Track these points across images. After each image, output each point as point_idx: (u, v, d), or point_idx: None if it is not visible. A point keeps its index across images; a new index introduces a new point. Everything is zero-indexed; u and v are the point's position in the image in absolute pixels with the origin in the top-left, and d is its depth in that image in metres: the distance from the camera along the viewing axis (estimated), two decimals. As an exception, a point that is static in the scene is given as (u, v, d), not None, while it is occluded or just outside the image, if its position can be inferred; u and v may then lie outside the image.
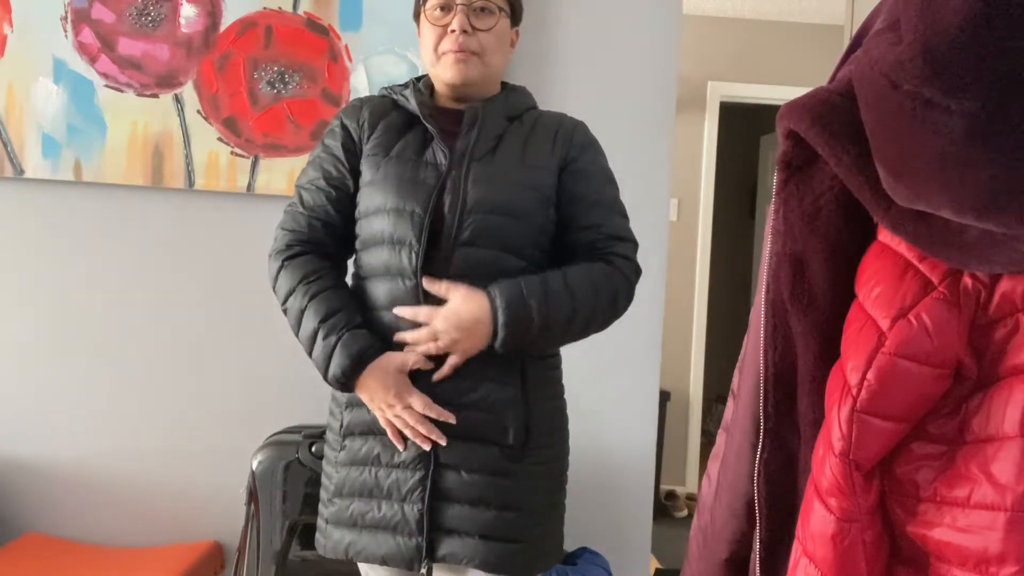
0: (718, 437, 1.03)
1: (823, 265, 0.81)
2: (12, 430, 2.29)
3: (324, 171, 1.46)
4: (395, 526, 1.39)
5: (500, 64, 1.49)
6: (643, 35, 2.37)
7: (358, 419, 1.43)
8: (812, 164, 0.80)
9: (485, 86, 1.48)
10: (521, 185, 1.42)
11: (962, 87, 0.62)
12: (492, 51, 1.45)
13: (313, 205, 1.45)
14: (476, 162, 1.40)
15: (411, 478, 1.38)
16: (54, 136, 2.25)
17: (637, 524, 2.42)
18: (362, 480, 1.42)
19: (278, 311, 1.40)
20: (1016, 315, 0.70)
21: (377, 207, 1.41)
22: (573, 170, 1.46)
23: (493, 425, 1.39)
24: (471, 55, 1.42)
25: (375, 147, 1.45)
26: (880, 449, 0.75)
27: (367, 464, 1.42)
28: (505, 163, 1.42)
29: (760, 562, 0.89)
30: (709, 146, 4.31)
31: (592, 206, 1.45)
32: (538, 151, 1.45)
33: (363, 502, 1.41)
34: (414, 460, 1.38)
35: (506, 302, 1.33)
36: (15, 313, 2.30)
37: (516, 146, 1.45)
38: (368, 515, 1.41)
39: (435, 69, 1.46)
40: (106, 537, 2.30)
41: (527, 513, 1.41)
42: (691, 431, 4.40)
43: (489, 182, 1.39)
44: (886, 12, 0.75)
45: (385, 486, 1.40)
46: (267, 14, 2.27)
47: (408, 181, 1.39)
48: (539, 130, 1.48)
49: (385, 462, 1.40)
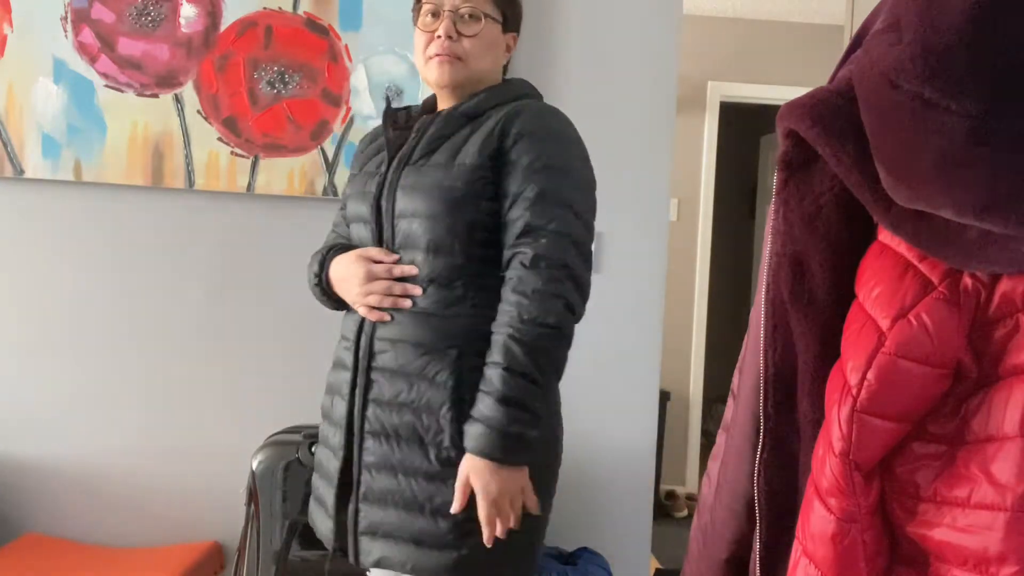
0: (718, 437, 1.03)
1: (823, 265, 0.81)
2: (12, 430, 2.29)
3: (346, 195, 1.63)
4: (324, 503, 1.51)
5: (487, 68, 1.52)
6: (643, 35, 2.37)
7: (323, 404, 1.56)
8: (812, 164, 0.80)
9: (471, 88, 1.50)
10: (442, 186, 1.41)
11: (962, 87, 0.62)
12: (477, 56, 1.49)
13: (336, 223, 1.66)
14: (410, 166, 1.46)
15: (333, 462, 1.48)
16: (54, 136, 2.25)
17: (637, 524, 2.42)
18: (318, 458, 1.56)
19: (278, 311, 1.42)
20: (1016, 315, 0.70)
21: (351, 218, 1.56)
22: (505, 162, 1.41)
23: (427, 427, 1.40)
24: (455, 59, 1.47)
25: (354, 166, 1.62)
26: (880, 449, 0.75)
27: (323, 444, 1.55)
28: (435, 165, 1.44)
29: (760, 562, 0.89)
30: (709, 146, 4.31)
31: (517, 198, 1.39)
32: (471, 147, 1.43)
33: (317, 477, 1.56)
34: (337, 446, 1.48)
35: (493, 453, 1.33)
36: (15, 313, 2.30)
37: (455, 146, 1.44)
38: (318, 490, 1.54)
39: (424, 72, 1.53)
40: (106, 537, 2.30)
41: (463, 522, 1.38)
42: (691, 431, 4.41)
43: (413, 187, 1.44)
44: (886, 12, 0.75)
45: (324, 466, 1.52)
46: (267, 14, 2.27)
47: (359, 193, 1.52)
48: (486, 124, 1.44)
49: (326, 444, 1.52)
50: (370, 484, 1.43)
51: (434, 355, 1.40)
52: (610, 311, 2.32)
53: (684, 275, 4.28)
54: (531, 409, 1.34)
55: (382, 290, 1.44)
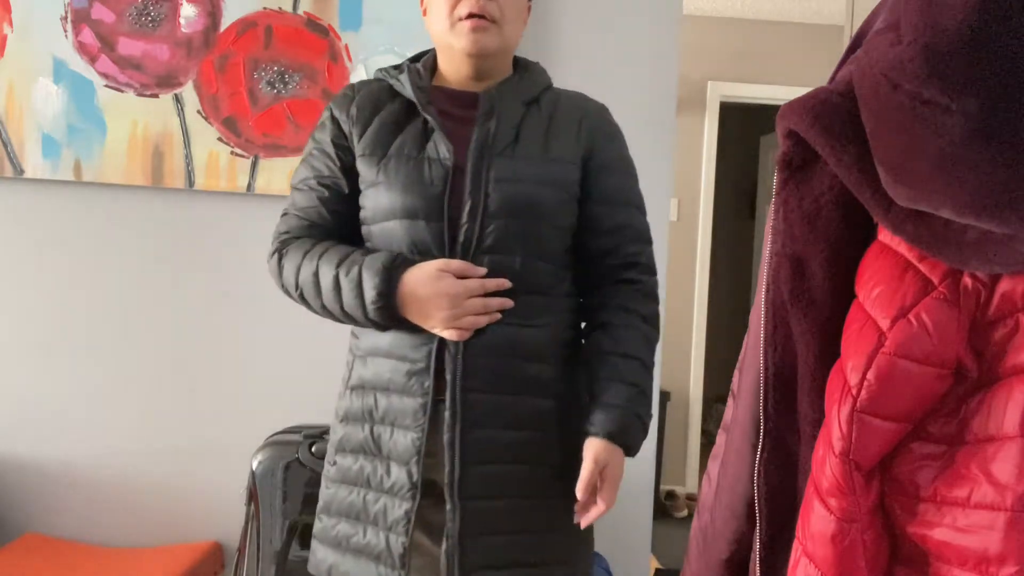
0: (718, 437, 1.03)
1: (823, 265, 0.81)
2: (12, 430, 2.29)
3: (315, 170, 1.36)
4: (378, 555, 1.29)
5: (516, 36, 1.36)
6: (643, 35, 2.37)
7: (351, 436, 1.34)
8: (812, 164, 0.80)
9: (501, 59, 1.35)
10: (546, 182, 1.30)
11: (962, 87, 0.62)
12: (510, 19, 1.32)
13: (305, 206, 1.35)
14: (498, 157, 1.28)
15: (398, 507, 1.27)
16: (54, 136, 2.25)
17: (637, 524, 2.42)
18: (350, 501, 1.33)
19: (278, 311, 1.37)
20: (1016, 315, 0.70)
21: (386, 212, 1.29)
22: (599, 165, 1.35)
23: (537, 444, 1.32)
24: (489, 22, 1.28)
25: (371, 145, 1.32)
26: (880, 449, 0.75)
27: (356, 484, 1.33)
28: (527, 157, 1.30)
29: (760, 562, 0.89)
30: (709, 146, 4.31)
31: (619, 206, 1.36)
32: (562, 142, 1.33)
33: (349, 524, 1.33)
34: (403, 487, 1.27)
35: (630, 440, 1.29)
36: (15, 313, 2.30)
37: (537, 136, 1.32)
38: (353, 539, 1.32)
39: (448, 38, 1.31)
40: (106, 537, 2.30)
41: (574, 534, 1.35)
42: (691, 431, 4.40)
43: (513, 181, 1.27)
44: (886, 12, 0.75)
45: (372, 511, 1.30)
46: (267, 14, 2.27)
47: (415, 183, 1.27)
48: (560, 116, 1.36)
49: (374, 485, 1.30)
50: (475, 514, 1.27)
51: (534, 368, 1.30)
52: (610, 311, 2.32)
53: (684, 275, 4.27)
54: (650, 401, 1.34)
55: (478, 309, 1.24)
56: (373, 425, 1.31)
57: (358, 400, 1.33)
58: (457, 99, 1.34)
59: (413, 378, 1.27)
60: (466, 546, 1.27)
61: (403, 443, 1.28)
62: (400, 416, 1.28)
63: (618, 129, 1.42)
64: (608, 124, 1.40)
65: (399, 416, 1.28)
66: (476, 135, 1.29)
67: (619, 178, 1.38)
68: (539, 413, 1.31)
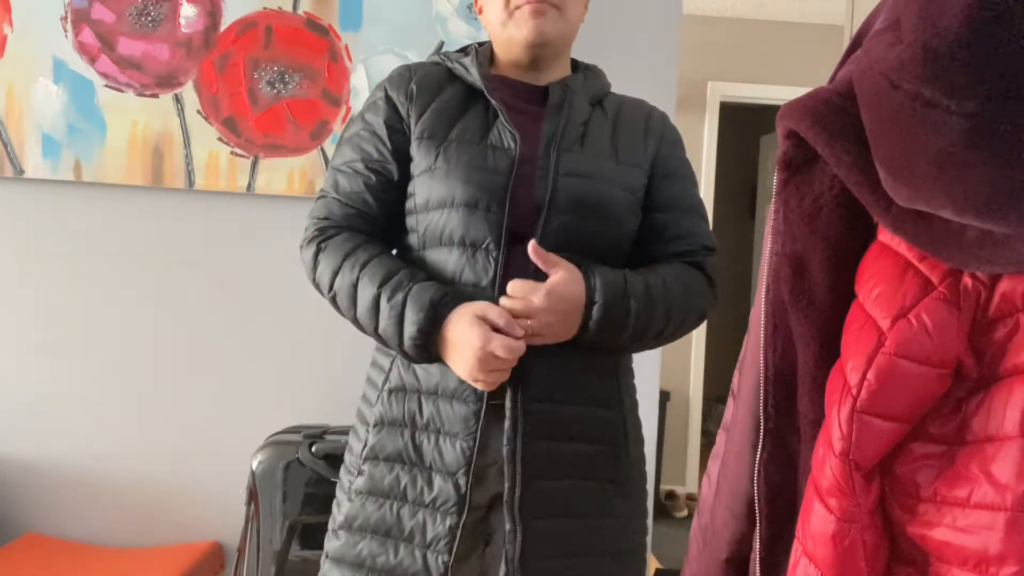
0: (718, 437, 1.03)
1: (823, 265, 0.81)
2: (12, 430, 2.29)
3: (363, 152, 1.25)
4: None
5: (577, 22, 1.31)
6: (643, 35, 2.37)
7: (386, 443, 1.22)
8: (812, 164, 0.80)
9: (562, 48, 1.30)
10: (615, 184, 1.24)
11: (962, 87, 0.62)
12: (572, 4, 1.26)
13: (349, 191, 1.25)
14: (565, 152, 1.22)
15: (440, 523, 1.16)
16: (54, 136, 2.25)
17: (637, 524, 2.42)
18: (380, 515, 1.20)
19: (278, 311, 1.36)
20: (1016, 315, 0.70)
21: (440, 200, 1.19)
22: (665, 171, 1.31)
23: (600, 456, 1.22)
24: (550, 7, 1.22)
25: (430, 127, 1.23)
26: (880, 449, 0.75)
27: (389, 497, 1.20)
28: (596, 156, 1.24)
29: (760, 562, 0.89)
30: (709, 146, 4.31)
31: (684, 213, 1.31)
32: (630, 146, 1.28)
33: (376, 542, 1.20)
34: (447, 501, 1.16)
35: (605, 299, 1.16)
36: (14, 313, 2.30)
37: (604, 137, 1.27)
38: (380, 559, 1.19)
39: (506, 29, 1.25)
40: (106, 537, 2.30)
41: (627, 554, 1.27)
42: (691, 431, 4.41)
43: (583, 176, 1.21)
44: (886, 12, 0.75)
45: (407, 527, 1.18)
46: (267, 14, 2.27)
47: (477, 169, 1.18)
48: (624, 120, 1.31)
49: (412, 498, 1.18)
50: (539, 535, 1.17)
51: (596, 378, 1.23)
52: (610, 311, 2.32)
53: (684, 275, 4.27)
54: (646, 325, 1.19)
55: (498, 367, 1.12)
56: (415, 432, 1.20)
57: (398, 404, 1.22)
58: (517, 90, 1.29)
59: (452, 381, 1.18)
60: (528, 570, 1.16)
61: (450, 453, 1.17)
62: (448, 423, 1.18)
63: (680, 136, 1.39)
64: (672, 131, 1.37)
65: (447, 423, 1.18)
66: (546, 126, 1.23)
67: (684, 185, 1.34)
68: (604, 425, 1.23)
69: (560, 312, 1.14)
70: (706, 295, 1.28)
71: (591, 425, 1.21)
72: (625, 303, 1.16)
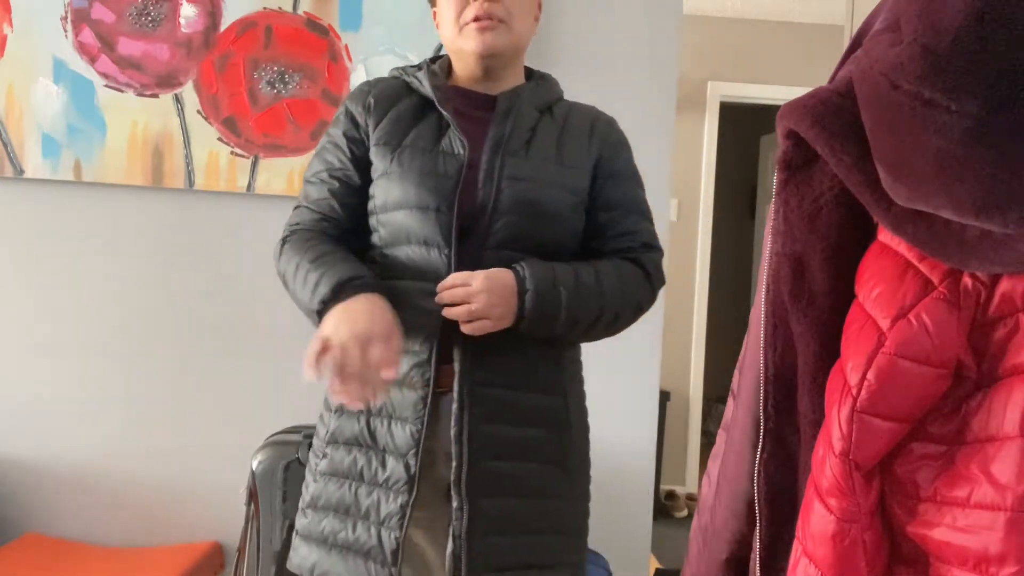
0: (718, 437, 1.03)
1: (823, 265, 0.81)
2: (12, 430, 2.29)
3: (327, 163, 1.36)
4: (368, 551, 1.26)
5: (526, 34, 1.38)
6: (643, 35, 2.37)
7: (344, 428, 1.32)
8: (812, 164, 0.80)
9: (511, 58, 1.38)
10: (557, 185, 1.32)
11: (962, 87, 0.62)
12: (519, 17, 1.34)
13: (317, 199, 1.35)
14: (511, 156, 1.30)
15: (392, 501, 1.25)
16: (54, 136, 2.25)
17: (637, 524, 2.42)
18: (340, 495, 1.30)
19: (278, 311, 1.37)
20: (1016, 315, 0.70)
21: (397, 202, 1.29)
22: (609, 173, 1.39)
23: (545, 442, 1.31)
24: (497, 23, 1.31)
25: (386, 135, 1.33)
26: (880, 449, 0.75)
27: (348, 478, 1.30)
28: (540, 160, 1.32)
29: (760, 562, 0.89)
30: (709, 146, 4.31)
31: (627, 213, 1.39)
32: (574, 150, 1.36)
33: (337, 520, 1.30)
34: (398, 481, 1.25)
35: (535, 287, 1.24)
36: (15, 313, 2.30)
37: (550, 142, 1.35)
38: (340, 535, 1.29)
39: (457, 42, 1.34)
40: (106, 537, 2.30)
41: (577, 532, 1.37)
42: (691, 431, 4.41)
43: (524, 179, 1.30)
44: (886, 12, 0.75)
45: (363, 506, 1.28)
46: (267, 14, 2.27)
47: (428, 174, 1.28)
48: (572, 125, 1.39)
49: (368, 479, 1.28)
50: (484, 513, 1.26)
51: (543, 365, 1.32)
52: (610, 311, 2.32)
53: (684, 275, 4.27)
54: (578, 310, 1.27)
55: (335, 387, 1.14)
56: (369, 417, 1.30)
57: None
58: (471, 99, 1.37)
59: (415, 369, 1.27)
60: (473, 546, 1.25)
61: (401, 436, 1.26)
62: (399, 408, 1.27)
63: (626, 140, 1.46)
64: (618, 134, 1.44)
65: (398, 408, 1.27)
66: (492, 133, 1.32)
67: (628, 186, 1.41)
68: (548, 411, 1.32)
69: (498, 294, 1.22)
70: (643, 288, 1.36)
71: (535, 411, 1.30)
72: (556, 291, 1.25)
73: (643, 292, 1.37)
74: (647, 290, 1.37)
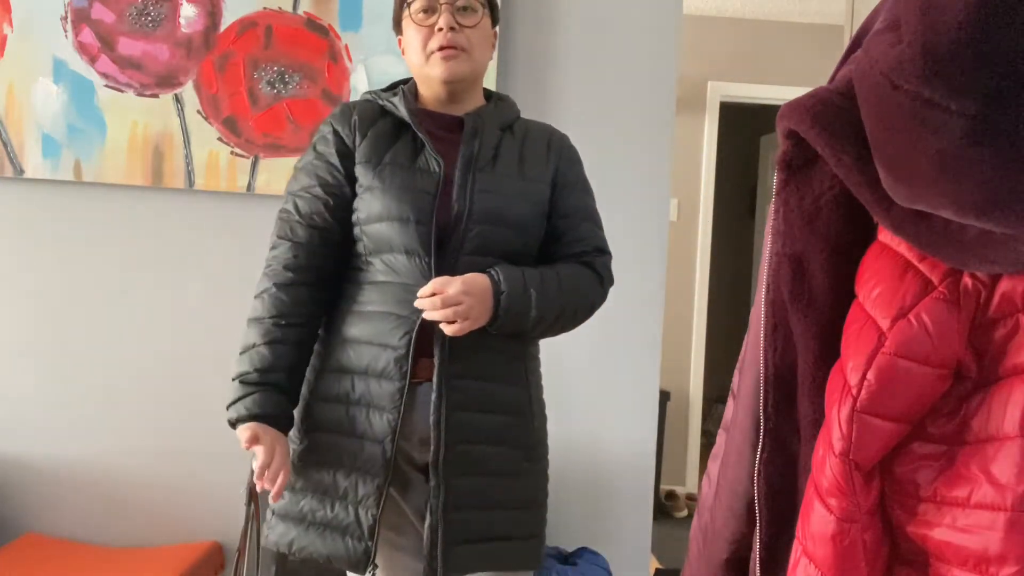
0: (718, 437, 1.03)
1: (823, 265, 0.81)
2: (12, 430, 2.29)
3: (320, 179, 1.46)
4: (346, 528, 1.38)
5: (485, 62, 1.52)
6: (643, 35, 2.37)
7: (326, 414, 1.43)
8: (812, 164, 0.80)
9: (472, 84, 1.51)
10: (521, 197, 1.47)
11: (962, 87, 0.62)
12: (478, 47, 1.47)
13: (310, 212, 1.44)
14: (480, 172, 1.44)
15: (370, 483, 1.38)
16: (54, 136, 2.25)
17: (637, 524, 2.42)
18: (319, 477, 1.42)
19: None
20: (1016, 315, 0.70)
21: (379, 215, 1.41)
22: (564, 184, 1.53)
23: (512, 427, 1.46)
24: (460, 51, 1.44)
25: (368, 153, 1.45)
26: (880, 449, 0.75)
27: (327, 462, 1.42)
28: (505, 174, 1.47)
29: (760, 562, 0.89)
30: (709, 146, 4.31)
31: (581, 220, 1.53)
32: (534, 164, 1.51)
33: (316, 500, 1.42)
34: (375, 464, 1.38)
35: (509, 289, 1.38)
36: (15, 312, 2.30)
37: (513, 158, 1.50)
38: (319, 513, 1.41)
39: (424, 70, 1.47)
40: (106, 537, 2.30)
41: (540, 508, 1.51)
42: (691, 431, 4.40)
43: (493, 192, 1.44)
44: (886, 12, 0.75)
45: (342, 487, 1.39)
46: (267, 14, 2.27)
47: (408, 189, 1.41)
48: (530, 142, 1.53)
49: (346, 462, 1.39)
50: (457, 490, 1.39)
51: (510, 359, 1.46)
52: (610, 311, 2.30)
53: (684, 275, 4.27)
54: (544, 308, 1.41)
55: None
56: (348, 407, 1.41)
57: (335, 382, 1.43)
58: (438, 120, 1.50)
59: (393, 363, 1.38)
60: (449, 520, 1.38)
61: (379, 423, 1.38)
62: (377, 398, 1.39)
63: (578, 154, 1.60)
64: (570, 149, 1.59)
65: (376, 398, 1.39)
66: (462, 151, 1.45)
67: (581, 196, 1.56)
68: (514, 400, 1.46)
69: (477, 295, 1.36)
70: (595, 289, 1.52)
71: (503, 400, 1.45)
72: (527, 293, 1.40)
73: (596, 292, 1.52)
74: (599, 291, 1.53)
